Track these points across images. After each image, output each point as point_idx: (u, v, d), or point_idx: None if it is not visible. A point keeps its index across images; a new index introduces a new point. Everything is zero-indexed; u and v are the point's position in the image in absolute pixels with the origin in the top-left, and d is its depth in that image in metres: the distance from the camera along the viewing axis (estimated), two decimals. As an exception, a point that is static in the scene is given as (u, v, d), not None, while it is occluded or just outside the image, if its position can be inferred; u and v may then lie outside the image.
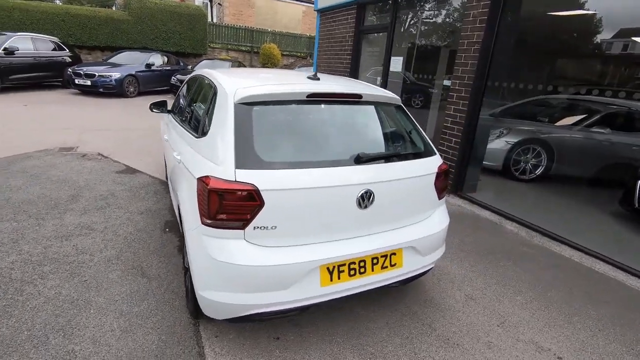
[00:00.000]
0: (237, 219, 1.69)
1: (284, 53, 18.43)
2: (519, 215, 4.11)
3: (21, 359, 1.82)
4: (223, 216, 1.68)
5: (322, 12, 7.81)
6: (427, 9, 5.92)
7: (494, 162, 5.70)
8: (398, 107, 2.39)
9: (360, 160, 1.92)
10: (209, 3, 20.79)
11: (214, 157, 1.77)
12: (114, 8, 17.70)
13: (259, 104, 1.91)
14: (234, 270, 1.68)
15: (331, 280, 1.84)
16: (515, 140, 5.65)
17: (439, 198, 2.30)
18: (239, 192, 1.65)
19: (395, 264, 2.04)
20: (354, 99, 2.15)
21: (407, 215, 2.15)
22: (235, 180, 1.66)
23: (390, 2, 5.82)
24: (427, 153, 2.28)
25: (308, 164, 1.83)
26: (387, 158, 2.07)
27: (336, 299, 1.93)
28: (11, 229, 3.06)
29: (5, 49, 9.95)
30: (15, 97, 9.40)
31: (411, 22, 6.48)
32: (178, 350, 1.97)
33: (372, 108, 2.30)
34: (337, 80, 2.57)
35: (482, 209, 4.40)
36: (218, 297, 1.73)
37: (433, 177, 2.20)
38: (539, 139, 5.71)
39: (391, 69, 5.92)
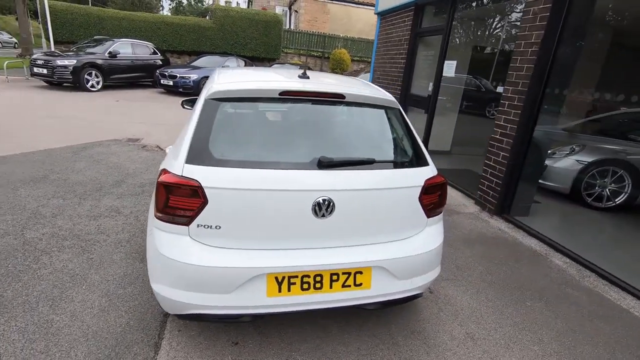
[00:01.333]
0: (181, 214, 1.65)
1: (355, 58, 18.42)
2: (574, 249, 3.43)
3: (9, 320, 2.05)
4: (169, 210, 1.66)
5: (382, 15, 7.57)
6: (485, 8, 5.33)
7: (559, 183, 4.88)
8: (392, 110, 2.14)
9: (322, 165, 1.75)
10: (288, 10, 21.78)
11: (176, 151, 1.78)
12: (207, 17, 19.54)
13: (229, 100, 1.87)
14: (175, 266, 1.65)
15: (279, 291, 1.71)
16: (590, 160, 4.76)
17: (428, 216, 2.00)
18: (183, 188, 1.62)
19: (361, 284, 1.82)
20: (335, 99, 1.96)
21: (380, 232, 1.90)
22: (182, 175, 1.64)
23: (449, 1, 5.39)
24: (415, 163, 2.00)
25: (262, 165, 1.71)
26: (356, 164, 1.83)
27: (290, 312, 1.79)
28: (56, 205, 3.50)
29: (109, 53, 11.66)
30: (112, 94, 10.91)
31: (469, 24, 5.91)
32: (138, 337, 2.01)
33: (357, 110, 2.09)
34: (329, 80, 2.38)
35: (528, 236, 3.77)
36: (163, 290, 1.72)
37: (417, 191, 1.92)
38: (623, 160, 4.73)
39: (444, 73, 5.46)
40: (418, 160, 2.01)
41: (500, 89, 5.32)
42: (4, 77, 11.47)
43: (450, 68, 5.30)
